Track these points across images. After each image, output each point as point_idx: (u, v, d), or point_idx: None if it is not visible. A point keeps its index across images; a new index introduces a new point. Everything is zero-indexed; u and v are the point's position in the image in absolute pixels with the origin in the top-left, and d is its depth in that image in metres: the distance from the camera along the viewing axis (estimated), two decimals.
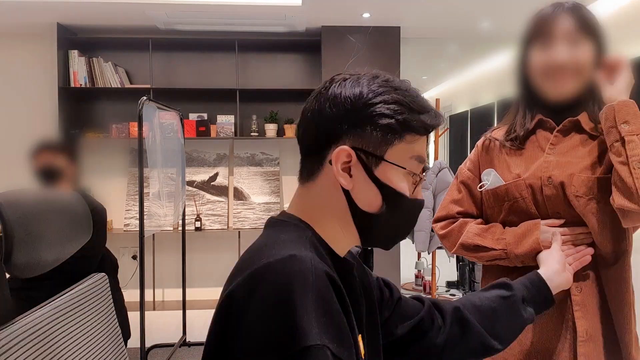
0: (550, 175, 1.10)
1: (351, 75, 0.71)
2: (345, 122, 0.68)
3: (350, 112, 0.68)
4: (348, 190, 0.70)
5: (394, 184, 0.70)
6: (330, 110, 0.69)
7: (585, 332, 1.08)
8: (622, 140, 1.00)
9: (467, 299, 0.93)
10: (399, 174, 0.71)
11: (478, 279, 4.27)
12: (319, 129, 0.70)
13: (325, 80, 0.73)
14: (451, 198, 1.26)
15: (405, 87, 0.71)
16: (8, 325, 0.73)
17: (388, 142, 0.69)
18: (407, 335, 0.86)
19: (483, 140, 1.26)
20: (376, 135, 0.68)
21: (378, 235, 0.74)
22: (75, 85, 3.87)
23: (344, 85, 0.70)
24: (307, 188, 0.74)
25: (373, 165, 0.69)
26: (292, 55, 4.21)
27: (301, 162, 0.75)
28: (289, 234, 0.69)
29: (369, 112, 0.68)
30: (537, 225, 1.11)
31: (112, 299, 1.05)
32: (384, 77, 0.71)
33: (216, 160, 4.20)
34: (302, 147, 0.74)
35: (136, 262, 3.84)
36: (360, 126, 0.68)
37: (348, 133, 0.68)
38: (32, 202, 0.81)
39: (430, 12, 3.68)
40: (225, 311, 0.62)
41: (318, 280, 0.59)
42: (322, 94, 0.71)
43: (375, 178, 0.70)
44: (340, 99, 0.69)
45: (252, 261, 0.64)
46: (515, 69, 1.18)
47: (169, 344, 3.29)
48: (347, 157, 0.69)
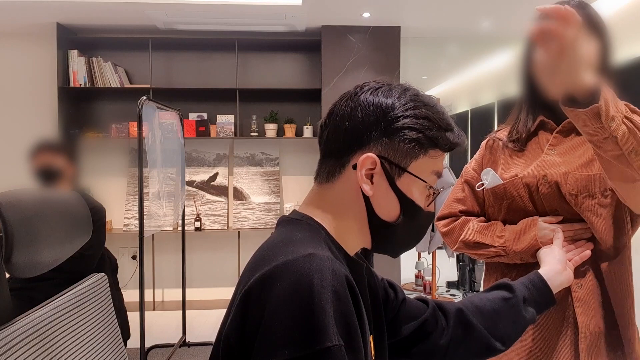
0: (545, 174, 1.11)
1: (383, 84, 0.73)
2: (374, 130, 0.70)
3: (380, 121, 0.69)
4: (368, 197, 0.71)
5: (414, 196, 0.73)
6: (361, 116, 0.70)
7: (586, 328, 1.08)
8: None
9: (470, 301, 0.93)
10: (419, 187, 0.73)
11: (478, 279, 4.27)
12: (347, 133, 0.71)
13: (356, 85, 0.74)
14: (455, 197, 1.28)
15: (433, 104, 0.73)
16: (8, 326, 0.73)
17: (413, 155, 0.71)
18: (411, 335, 0.87)
19: (487, 140, 1.28)
20: (403, 147, 0.70)
21: (390, 243, 0.76)
22: (74, 85, 3.87)
23: (376, 94, 0.71)
24: (324, 189, 0.74)
25: (396, 176, 0.71)
26: (292, 55, 4.21)
27: (321, 162, 0.75)
28: (304, 233, 0.70)
29: (399, 124, 0.69)
30: (534, 222, 1.12)
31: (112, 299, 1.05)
32: (415, 91, 0.73)
33: (216, 160, 4.20)
34: (324, 149, 0.75)
35: (136, 262, 3.84)
36: (389, 136, 0.70)
37: (376, 141, 0.70)
38: (32, 202, 0.81)
39: (430, 12, 3.68)
40: (243, 307, 0.62)
41: (335, 279, 0.60)
42: (353, 99, 0.72)
43: (396, 188, 0.72)
44: (372, 107, 0.70)
45: (269, 258, 0.64)
46: (519, 67, 1.18)
47: (169, 344, 3.28)
48: (372, 165, 0.70)
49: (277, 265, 0.62)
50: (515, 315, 0.91)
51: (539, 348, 1.13)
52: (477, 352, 0.89)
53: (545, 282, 0.97)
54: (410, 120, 0.70)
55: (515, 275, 1.02)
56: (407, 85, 0.74)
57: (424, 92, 0.74)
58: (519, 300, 0.92)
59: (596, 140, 0.88)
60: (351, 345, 0.59)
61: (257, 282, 0.62)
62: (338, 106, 0.73)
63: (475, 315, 0.89)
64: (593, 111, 0.81)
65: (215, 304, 4.02)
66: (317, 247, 0.66)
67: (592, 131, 0.86)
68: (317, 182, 0.76)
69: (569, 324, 1.10)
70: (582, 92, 0.81)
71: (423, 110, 0.71)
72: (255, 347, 0.58)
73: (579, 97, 0.82)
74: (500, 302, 0.92)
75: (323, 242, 0.69)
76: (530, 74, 1.15)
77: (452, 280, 4.71)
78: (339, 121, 0.72)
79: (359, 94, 0.72)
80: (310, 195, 0.77)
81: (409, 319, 0.87)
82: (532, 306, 0.94)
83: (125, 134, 3.98)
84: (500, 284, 0.96)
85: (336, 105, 0.74)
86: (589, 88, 0.80)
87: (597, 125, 0.84)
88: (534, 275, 0.99)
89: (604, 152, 0.91)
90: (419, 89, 0.74)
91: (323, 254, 0.63)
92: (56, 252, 0.83)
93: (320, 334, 0.56)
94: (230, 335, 0.62)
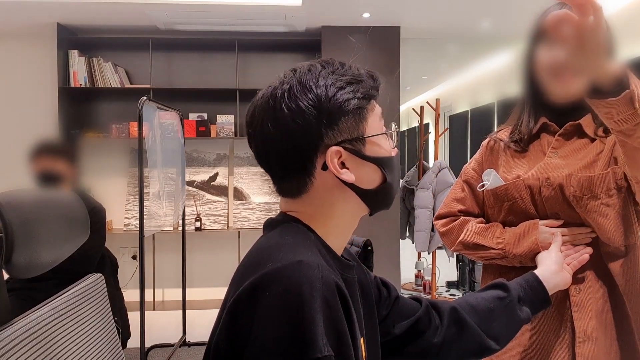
0: (548, 176, 1.10)
1: (285, 84, 0.69)
2: (321, 127, 0.68)
3: (320, 116, 0.67)
4: (351, 182, 0.71)
5: (383, 151, 0.74)
6: (299, 124, 0.67)
7: (583, 332, 1.08)
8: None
9: (464, 300, 0.93)
10: (380, 140, 0.74)
11: (478, 279, 4.27)
12: (297, 148, 0.68)
13: (260, 97, 0.71)
14: (454, 196, 1.27)
15: (337, 66, 0.71)
16: (5, 328, 0.73)
17: (361, 120, 0.71)
18: (405, 334, 0.86)
19: (488, 140, 1.27)
20: (350, 120, 0.69)
21: (386, 200, 0.76)
22: (75, 85, 3.87)
23: (293, 96, 0.68)
24: (301, 200, 0.73)
25: (362, 147, 0.71)
26: (292, 55, 4.21)
27: (281, 183, 0.73)
28: (293, 237, 0.69)
29: (336, 106, 0.68)
30: (535, 225, 1.11)
31: (112, 299, 1.05)
32: (315, 68, 0.70)
33: (216, 160, 4.21)
34: (277, 171, 0.72)
35: (136, 262, 3.84)
36: (335, 122, 0.68)
37: (328, 134, 0.68)
38: (31, 202, 0.81)
39: (430, 12, 3.68)
40: (232, 316, 0.61)
41: (325, 287, 0.59)
42: (276, 115, 0.68)
43: (368, 157, 0.72)
44: (302, 111, 0.67)
45: (258, 264, 0.63)
46: (521, 68, 1.17)
47: (169, 344, 3.29)
48: (337, 155, 0.69)
49: (266, 273, 0.60)
50: (509, 314, 0.91)
51: (536, 351, 1.12)
52: (471, 351, 0.89)
53: (540, 282, 0.97)
54: (339, 95, 0.68)
55: (514, 277, 1.02)
56: (304, 66, 0.71)
57: (316, 62, 0.71)
58: (513, 299, 0.92)
59: (627, 129, 0.84)
60: (341, 353, 0.59)
61: (246, 291, 0.60)
62: (260, 127, 0.69)
63: (469, 314, 0.89)
64: (626, 98, 0.77)
65: (215, 303, 4.02)
66: (307, 252, 0.65)
67: (623, 119, 0.81)
68: (287, 197, 0.74)
69: (566, 328, 1.10)
70: (609, 79, 0.76)
71: (339, 78, 0.69)
72: (244, 358, 0.58)
73: (605, 86, 0.76)
74: (495, 301, 0.92)
75: (313, 245, 0.68)
76: (533, 74, 1.13)
77: (451, 280, 4.71)
78: (276, 142, 0.68)
79: (277, 107, 0.68)
80: (289, 204, 0.74)
81: (402, 317, 0.87)
82: (527, 306, 0.94)
83: (125, 134, 3.98)
84: (495, 283, 0.96)
85: (257, 126, 0.70)
86: (616, 75, 0.75)
87: (630, 112, 0.79)
88: (530, 275, 0.99)
89: (633, 140, 0.87)
90: (315, 61, 0.71)
91: (313, 261, 0.62)
92: (55, 253, 0.84)
93: (310, 345, 0.55)
94: (220, 343, 0.61)
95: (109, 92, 4.04)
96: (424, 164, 4.51)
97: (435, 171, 4.20)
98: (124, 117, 3.97)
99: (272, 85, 0.71)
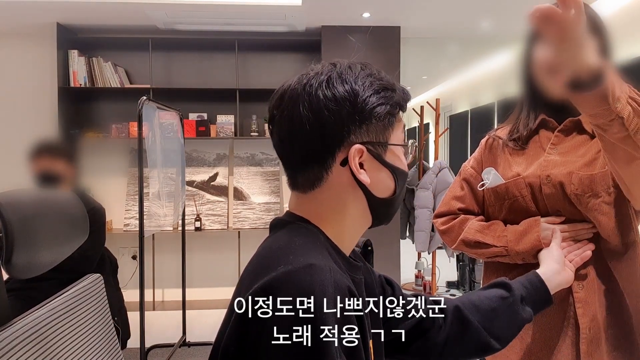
0: (549, 174, 1.10)
1: (322, 74, 0.69)
2: (350, 122, 0.68)
3: (352, 111, 0.68)
4: (365, 185, 0.71)
5: (400, 162, 0.75)
6: (329, 114, 0.67)
7: (587, 329, 1.08)
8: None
9: (467, 298, 0.93)
10: (399, 152, 0.75)
11: (478, 279, 4.27)
12: (323, 137, 0.68)
13: (295, 81, 0.71)
14: (453, 194, 1.26)
15: (375, 70, 0.72)
16: (4, 328, 0.73)
17: (389, 127, 0.72)
18: (408, 333, 0.86)
19: (487, 138, 1.26)
20: (379, 125, 0.70)
21: (389, 214, 0.77)
22: (75, 85, 3.87)
23: (332, 86, 0.68)
24: (312, 195, 0.72)
25: (383, 153, 0.72)
26: (292, 55, 4.21)
27: (297, 173, 0.72)
28: (303, 238, 0.68)
29: (369, 107, 0.69)
30: (537, 222, 1.11)
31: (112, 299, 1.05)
32: (356, 66, 0.71)
33: (216, 160, 4.20)
34: (297, 159, 0.71)
35: (136, 262, 3.84)
36: (364, 121, 0.69)
37: (355, 131, 0.69)
38: (31, 202, 0.81)
39: (430, 12, 3.68)
40: (242, 320, 0.60)
41: (337, 292, 0.59)
42: (309, 99, 0.68)
43: (387, 164, 0.72)
44: (337, 101, 0.67)
45: (268, 267, 0.62)
46: (519, 66, 1.17)
47: (169, 344, 3.29)
48: (359, 153, 0.69)
49: (276, 276, 0.59)
50: (512, 314, 0.91)
51: (540, 348, 1.12)
52: (474, 350, 0.89)
53: (543, 281, 0.97)
54: (375, 98, 0.69)
55: (515, 276, 1.02)
56: (342, 63, 0.72)
57: (356, 63, 0.72)
58: (516, 299, 0.92)
59: (602, 124, 0.87)
60: (354, 358, 0.58)
61: (256, 293, 0.59)
62: (290, 110, 0.69)
63: (472, 312, 0.89)
64: (600, 93, 0.80)
65: (215, 304, 4.02)
66: (318, 255, 0.64)
67: (598, 114, 0.85)
68: (299, 191, 0.73)
69: (570, 324, 1.10)
70: (587, 74, 0.78)
71: (377, 82, 0.70)
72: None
73: (584, 80, 0.79)
74: (498, 300, 0.92)
75: (323, 247, 0.67)
76: (530, 72, 1.14)
77: (452, 280, 4.71)
78: (305, 126, 0.68)
79: (312, 92, 0.68)
80: (299, 201, 0.74)
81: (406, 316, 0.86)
82: (529, 305, 0.94)
83: (125, 134, 3.98)
84: (498, 282, 0.96)
85: (284, 109, 0.70)
86: (593, 70, 0.77)
87: (604, 107, 0.82)
88: (532, 275, 0.99)
89: (610, 135, 0.89)
90: (354, 61, 0.72)
91: (324, 265, 0.61)
92: (54, 253, 0.84)
93: (322, 351, 0.55)
94: (230, 347, 0.60)
95: (108, 92, 4.04)
96: (424, 164, 4.51)
97: (435, 171, 4.20)
98: (123, 117, 3.97)
99: (305, 74, 0.71)
